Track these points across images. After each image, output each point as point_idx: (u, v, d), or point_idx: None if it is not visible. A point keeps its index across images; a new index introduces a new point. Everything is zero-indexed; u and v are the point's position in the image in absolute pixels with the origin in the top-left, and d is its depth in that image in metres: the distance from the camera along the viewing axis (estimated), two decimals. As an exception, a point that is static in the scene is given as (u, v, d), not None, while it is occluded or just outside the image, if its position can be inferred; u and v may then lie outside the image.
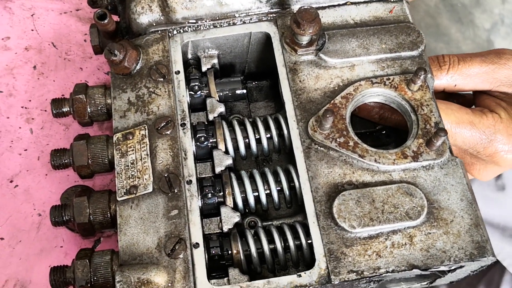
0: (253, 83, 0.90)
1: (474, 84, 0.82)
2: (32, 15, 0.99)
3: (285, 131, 0.76)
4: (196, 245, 0.68)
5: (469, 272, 0.73)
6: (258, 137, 0.78)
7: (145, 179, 0.71)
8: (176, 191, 0.70)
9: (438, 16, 2.30)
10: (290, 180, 0.75)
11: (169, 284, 0.65)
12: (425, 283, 0.77)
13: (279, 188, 0.75)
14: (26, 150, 0.88)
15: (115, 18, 0.85)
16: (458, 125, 0.77)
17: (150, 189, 0.70)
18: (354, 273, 0.65)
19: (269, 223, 0.79)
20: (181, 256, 0.66)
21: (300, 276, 0.66)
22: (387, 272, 0.65)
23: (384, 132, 0.86)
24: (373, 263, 0.66)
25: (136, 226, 0.69)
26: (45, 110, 0.90)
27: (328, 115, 0.69)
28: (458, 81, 0.81)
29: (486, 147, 0.78)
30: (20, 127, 0.89)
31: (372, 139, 0.86)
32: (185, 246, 0.67)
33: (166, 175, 0.71)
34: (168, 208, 0.69)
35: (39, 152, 0.87)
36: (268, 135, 0.78)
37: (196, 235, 0.68)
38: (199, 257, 0.67)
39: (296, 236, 0.72)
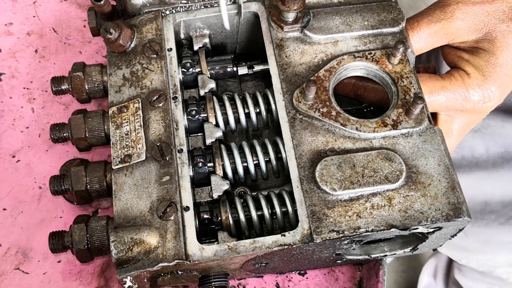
0: (244, 63, 0.93)
1: (430, 45, 0.83)
2: (34, 2, 1.03)
3: (273, 106, 0.80)
4: (187, 208, 0.71)
5: (448, 236, 0.76)
6: (248, 111, 0.82)
7: (139, 148, 0.75)
8: (167, 158, 0.74)
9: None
10: (277, 151, 0.79)
11: (160, 244, 0.69)
12: (408, 249, 0.80)
13: (267, 158, 0.79)
14: (27, 128, 0.92)
15: (113, 3, 0.90)
16: (432, 93, 0.79)
17: (143, 157, 0.74)
18: (335, 232, 0.69)
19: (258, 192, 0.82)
20: (172, 218, 0.70)
21: (284, 235, 0.69)
22: (367, 231, 0.69)
23: (370, 109, 0.90)
24: (354, 223, 0.69)
25: (130, 192, 0.73)
26: (46, 91, 0.95)
27: (311, 85, 0.73)
28: (413, 48, 0.82)
29: (464, 105, 0.80)
30: (22, 107, 0.93)
31: (359, 116, 0.89)
32: (176, 209, 0.71)
33: (158, 144, 0.75)
34: (160, 174, 0.73)
35: (40, 130, 0.91)
36: (257, 110, 0.82)
37: (187, 199, 0.72)
38: (189, 219, 0.71)
39: (282, 203, 0.76)
